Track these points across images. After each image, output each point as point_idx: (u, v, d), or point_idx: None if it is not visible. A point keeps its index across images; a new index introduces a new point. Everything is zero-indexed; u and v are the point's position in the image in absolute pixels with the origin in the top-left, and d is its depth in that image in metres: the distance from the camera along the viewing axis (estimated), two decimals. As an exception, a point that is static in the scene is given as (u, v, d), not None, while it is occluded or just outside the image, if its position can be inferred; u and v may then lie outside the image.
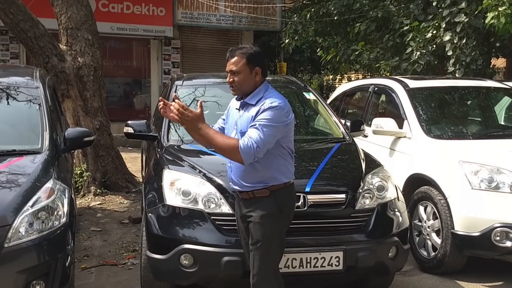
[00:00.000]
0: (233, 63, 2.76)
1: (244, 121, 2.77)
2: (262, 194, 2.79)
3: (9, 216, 2.94)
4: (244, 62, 2.75)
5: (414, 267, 4.51)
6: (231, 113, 2.94)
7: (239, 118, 2.82)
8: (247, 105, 2.80)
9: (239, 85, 2.76)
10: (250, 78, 2.77)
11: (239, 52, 2.77)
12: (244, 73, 2.75)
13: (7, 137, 3.84)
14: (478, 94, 5.82)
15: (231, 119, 2.92)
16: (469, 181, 4.13)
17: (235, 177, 2.84)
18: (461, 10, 7.38)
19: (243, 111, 2.82)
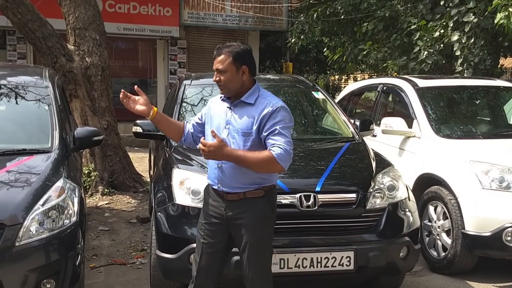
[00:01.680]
0: (220, 61, 2.67)
1: (244, 120, 2.68)
2: (255, 194, 2.70)
3: (20, 215, 2.95)
4: (230, 61, 2.66)
5: (424, 267, 4.48)
6: (216, 113, 2.79)
7: (233, 117, 2.71)
8: (243, 104, 2.71)
9: (226, 84, 2.68)
10: (237, 77, 2.68)
11: (225, 50, 2.68)
12: (231, 71, 2.67)
13: (17, 137, 3.85)
14: (487, 94, 5.78)
15: (217, 120, 2.77)
16: (479, 181, 4.10)
17: (227, 178, 2.70)
18: (470, 10, 7.34)
19: (237, 110, 2.72)
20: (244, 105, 2.72)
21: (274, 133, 2.62)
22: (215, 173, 2.73)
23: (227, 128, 2.71)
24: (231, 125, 2.71)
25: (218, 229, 2.77)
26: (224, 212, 2.73)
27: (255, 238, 2.72)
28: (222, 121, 2.74)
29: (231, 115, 2.72)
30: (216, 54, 2.70)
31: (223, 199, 2.74)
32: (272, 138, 2.61)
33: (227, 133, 2.70)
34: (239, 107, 2.72)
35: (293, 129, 4.74)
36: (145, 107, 2.78)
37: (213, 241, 2.79)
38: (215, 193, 2.78)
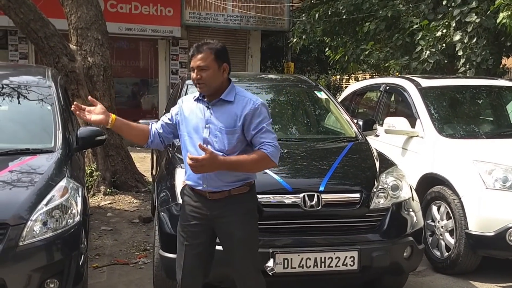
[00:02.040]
0: (201, 58, 2.61)
1: (226, 119, 2.66)
2: (240, 191, 2.71)
3: (24, 215, 2.94)
4: (213, 58, 2.62)
5: (427, 267, 4.47)
6: (192, 113, 2.73)
7: (213, 116, 2.68)
8: (223, 102, 2.68)
9: (207, 82, 2.63)
10: (218, 74, 2.65)
11: (206, 48, 2.63)
12: (213, 69, 2.62)
13: (21, 136, 3.84)
14: (490, 93, 5.77)
15: (194, 120, 2.72)
16: (483, 181, 4.10)
17: (212, 178, 2.66)
18: (472, 10, 7.32)
19: (217, 109, 2.68)
20: (223, 103, 2.69)
21: (262, 131, 2.66)
22: (198, 174, 2.65)
23: (208, 128, 2.68)
24: (212, 124, 2.68)
25: (200, 229, 2.76)
26: (208, 212, 2.71)
27: (245, 233, 2.73)
28: (200, 121, 2.70)
29: (210, 114, 2.69)
30: (195, 51, 2.64)
31: (206, 199, 2.71)
32: (261, 137, 2.65)
33: (208, 133, 2.68)
34: (218, 105, 2.69)
35: (296, 128, 4.80)
36: (102, 115, 2.74)
37: (196, 242, 2.77)
38: (195, 193, 2.74)
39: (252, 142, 2.69)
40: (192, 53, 2.66)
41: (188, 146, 2.74)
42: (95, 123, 2.78)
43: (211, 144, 2.65)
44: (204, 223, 2.75)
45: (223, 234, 2.76)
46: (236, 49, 13.90)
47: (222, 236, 2.78)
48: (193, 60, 2.65)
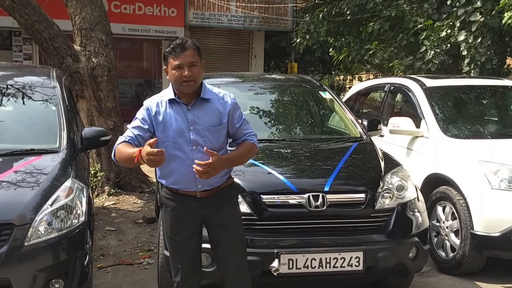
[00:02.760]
0: (190, 55, 2.59)
1: (211, 117, 2.67)
2: (228, 183, 2.80)
3: (29, 215, 2.95)
4: (197, 54, 2.64)
5: (432, 268, 4.45)
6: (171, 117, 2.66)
7: (196, 117, 2.65)
8: (201, 102, 2.68)
9: (196, 79, 2.61)
10: (202, 71, 2.67)
11: (190, 44, 2.62)
12: (199, 65, 2.64)
13: (25, 137, 3.86)
14: (495, 93, 5.75)
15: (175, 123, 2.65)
16: (488, 181, 4.08)
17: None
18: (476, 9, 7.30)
19: (197, 109, 2.67)
20: (202, 102, 2.69)
21: (244, 123, 2.79)
22: (190, 176, 2.63)
23: (193, 129, 2.65)
24: (196, 125, 2.65)
25: (193, 230, 2.78)
26: (200, 211, 2.74)
27: (238, 221, 2.84)
28: (183, 124, 2.65)
29: (192, 115, 2.66)
30: (181, 49, 2.59)
31: (195, 199, 2.72)
32: (244, 128, 2.79)
33: (194, 134, 2.64)
34: (197, 105, 2.68)
35: (301, 129, 4.79)
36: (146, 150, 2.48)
37: (191, 242, 2.79)
38: (182, 195, 2.72)
39: (235, 134, 2.78)
40: (178, 50, 2.60)
41: (172, 150, 2.63)
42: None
43: (200, 145, 2.64)
44: (196, 223, 2.78)
45: (217, 227, 2.78)
46: (240, 50, 13.91)
47: (215, 230, 2.79)
48: (180, 57, 2.59)
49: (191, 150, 2.64)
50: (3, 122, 3.93)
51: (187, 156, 2.63)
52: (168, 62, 2.65)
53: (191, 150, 2.64)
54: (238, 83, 5.33)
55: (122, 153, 2.60)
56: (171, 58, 2.62)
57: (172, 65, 2.62)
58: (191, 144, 2.64)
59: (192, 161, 2.60)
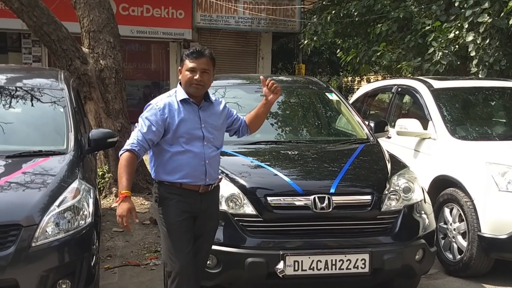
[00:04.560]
0: (205, 62, 2.84)
1: (216, 117, 2.97)
2: (219, 181, 3.03)
3: (36, 216, 2.98)
4: (211, 63, 2.88)
5: (439, 270, 4.43)
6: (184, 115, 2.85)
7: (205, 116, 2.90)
8: (208, 104, 2.96)
9: (206, 85, 2.86)
10: (212, 79, 2.93)
11: (206, 53, 2.87)
12: (211, 74, 2.89)
13: (33, 138, 3.89)
14: (503, 95, 5.71)
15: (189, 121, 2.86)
16: (496, 183, 4.05)
17: (213, 171, 2.92)
18: (484, 11, 7.26)
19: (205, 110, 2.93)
20: (208, 104, 2.96)
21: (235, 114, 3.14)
22: (202, 170, 2.86)
23: (204, 128, 2.88)
24: (206, 123, 2.90)
25: (191, 223, 2.89)
26: (200, 205, 2.89)
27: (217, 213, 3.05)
28: (195, 122, 2.87)
29: (203, 114, 2.91)
30: (198, 55, 2.83)
31: (196, 193, 2.87)
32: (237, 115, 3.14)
33: (206, 131, 2.88)
34: (205, 106, 2.94)
35: (307, 130, 4.79)
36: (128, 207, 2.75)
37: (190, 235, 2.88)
38: (186, 190, 2.85)
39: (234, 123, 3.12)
40: (195, 55, 2.84)
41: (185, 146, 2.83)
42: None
43: (210, 141, 2.90)
44: (192, 217, 2.89)
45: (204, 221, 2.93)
46: (247, 51, 13.92)
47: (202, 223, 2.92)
48: (196, 62, 2.83)
49: (203, 146, 2.87)
50: (11, 124, 3.96)
51: (200, 151, 2.86)
52: (184, 64, 2.87)
53: (203, 146, 2.87)
54: (245, 85, 5.34)
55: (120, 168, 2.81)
56: (188, 60, 2.85)
57: (187, 67, 2.84)
58: (203, 140, 2.87)
59: (204, 155, 2.86)
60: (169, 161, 2.86)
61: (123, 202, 2.73)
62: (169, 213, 2.86)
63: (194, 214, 2.89)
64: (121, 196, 2.74)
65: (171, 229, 2.86)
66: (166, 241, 2.88)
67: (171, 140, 2.85)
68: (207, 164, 2.87)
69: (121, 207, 2.73)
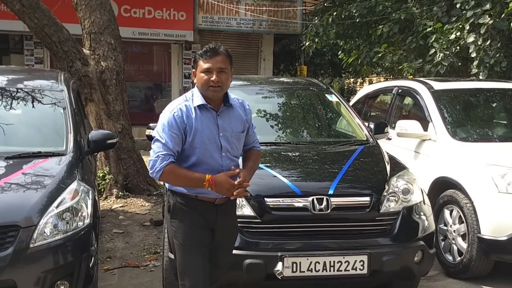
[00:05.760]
0: (222, 61, 2.57)
1: (236, 123, 2.69)
2: None
3: (35, 217, 2.98)
4: (228, 61, 2.62)
5: (439, 272, 4.42)
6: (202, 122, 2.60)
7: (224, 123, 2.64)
8: (227, 108, 2.68)
9: (224, 85, 2.58)
10: (230, 78, 2.65)
11: (222, 50, 2.59)
12: (229, 72, 2.62)
13: (33, 139, 3.90)
14: (504, 96, 5.70)
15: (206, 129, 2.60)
16: (496, 185, 4.04)
17: None
18: (486, 12, 7.25)
19: (224, 115, 2.66)
20: (228, 109, 2.68)
21: (253, 130, 2.84)
22: None
23: (223, 136, 2.63)
24: (225, 131, 2.64)
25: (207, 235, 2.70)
26: (215, 217, 2.69)
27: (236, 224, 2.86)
28: (213, 130, 2.62)
29: (222, 121, 2.64)
30: (213, 54, 2.57)
31: (212, 205, 2.67)
32: (254, 135, 2.86)
33: (224, 140, 2.63)
34: (224, 111, 2.67)
35: (307, 132, 4.78)
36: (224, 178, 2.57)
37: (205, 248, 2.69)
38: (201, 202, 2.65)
39: (246, 141, 2.81)
40: (209, 54, 2.57)
41: (201, 157, 2.60)
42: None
43: (228, 151, 2.64)
44: (208, 230, 2.70)
45: (222, 234, 2.73)
46: (249, 53, 13.93)
47: (219, 236, 2.73)
48: (211, 61, 2.55)
49: (221, 157, 2.62)
50: (11, 125, 3.97)
51: (217, 162, 2.61)
52: (198, 65, 2.60)
53: (221, 157, 2.62)
54: (245, 86, 5.33)
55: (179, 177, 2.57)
56: (201, 61, 2.58)
57: (201, 68, 2.57)
58: (221, 151, 2.62)
59: (222, 168, 2.61)
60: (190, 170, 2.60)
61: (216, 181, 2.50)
62: (182, 226, 2.66)
63: (209, 226, 2.69)
64: (208, 180, 2.50)
65: (185, 243, 2.67)
66: (178, 254, 2.70)
67: (187, 150, 2.61)
68: None
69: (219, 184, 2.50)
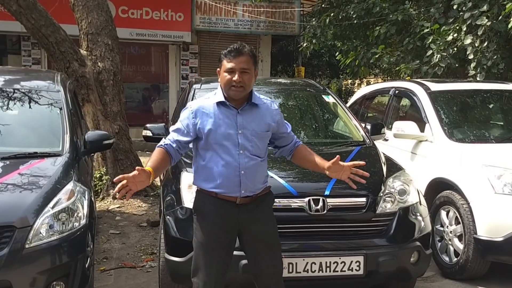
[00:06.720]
0: (245, 61, 2.60)
1: (259, 122, 2.70)
2: (266, 190, 2.79)
3: (30, 217, 2.98)
4: (252, 62, 2.65)
5: (436, 273, 4.43)
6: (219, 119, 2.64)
7: (245, 121, 2.66)
8: (251, 107, 2.70)
9: (246, 85, 2.62)
10: (253, 79, 2.67)
11: (247, 51, 2.63)
12: (252, 73, 2.65)
13: (29, 140, 3.90)
14: (500, 98, 5.71)
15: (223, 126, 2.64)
16: (492, 185, 4.05)
17: (250, 182, 2.67)
18: (483, 13, 7.27)
19: (247, 113, 2.68)
20: (251, 108, 2.71)
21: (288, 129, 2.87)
22: (235, 181, 2.64)
23: (241, 133, 2.65)
24: (245, 129, 2.66)
25: (229, 235, 2.72)
26: (238, 217, 2.68)
27: (273, 231, 2.79)
28: (231, 127, 2.65)
29: (242, 119, 2.67)
30: (237, 54, 2.60)
31: (234, 204, 2.67)
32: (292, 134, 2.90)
33: (242, 138, 2.65)
34: (246, 110, 2.69)
35: (304, 132, 4.78)
36: (144, 179, 2.50)
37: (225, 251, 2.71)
38: (221, 200, 2.67)
39: (284, 140, 2.86)
40: (233, 54, 2.60)
41: (219, 153, 2.63)
42: (141, 187, 2.54)
43: (247, 150, 2.65)
44: (233, 230, 2.71)
45: (254, 236, 2.73)
46: (247, 54, 13.92)
47: (251, 237, 2.73)
48: (234, 61, 2.59)
49: (238, 154, 2.64)
50: (7, 126, 3.96)
51: (234, 160, 2.62)
52: (222, 64, 2.65)
53: (238, 154, 2.63)
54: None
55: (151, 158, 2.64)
56: (225, 60, 2.63)
57: (225, 67, 2.63)
58: (238, 148, 2.64)
59: (239, 165, 2.62)
60: (204, 168, 2.67)
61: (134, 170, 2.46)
62: (202, 224, 2.69)
63: (232, 228, 2.70)
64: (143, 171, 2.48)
65: (202, 241, 2.69)
66: (195, 251, 2.73)
67: (205, 146, 2.65)
68: (242, 175, 2.62)
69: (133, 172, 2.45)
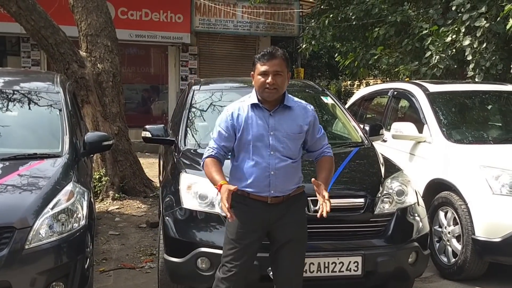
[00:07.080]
0: (278, 64, 2.70)
1: (291, 125, 2.77)
2: (298, 191, 2.83)
3: (30, 218, 2.99)
4: (285, 65, 2.75)
5: (434, 273, 4.44)
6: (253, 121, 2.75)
7: (277, 123, 2.75)
8: (284, 109, 2.78)
9: (279, 88, 2.71)
10: (286, 82, 2.77)
11: (280, 54, 2.73)
12: (285, 76, 2.74)
13: (29, 141, 3.91)
14: (499, 99, 5.73)
15: (256, 128, 2.74)
16: (490, 186, 4.07)
17: (281, 183, 2.74)
18: (481, 15, 7.29)
19: (279, 115, 2.77)
20: (284, 110, 2.78)
21: (323, 135, 2.93)
22: (266, 181, 2.72)
23: (273, 135, 2.73)
24: (276, 131, 2.74)
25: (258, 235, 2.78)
26: (268, 216, 2.75)
27: (302, 233, 2.85)
28: (263, 129, 2.74)
29: (274, 121, 2.75)
30: (270, 57, 2.70)
31: (265, 204, 2.75)
32: (323, 139, 2.92)
33: (274, 139, 2.73)
34: (279, 112, 2.77)
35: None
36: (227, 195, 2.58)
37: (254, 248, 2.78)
38: (252, 200, 2.75)
39: (313, 145, 2.90)
40: (266, 57, 2.70)
41: (250, 154, 2.74)
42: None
43: (278, 151, 2.73)
44: (262, 228, 2.78)
45: (284, 236, 2.78)
46: (246, 55, 13.90)
47: (280, 237, 2.79)
48: (268, 64, 2.69)
49: (269, 155, 2.72)
50: (7, 127, 3.98)
51: (265, 160, 2.72)
52: (256, 68, 2.74)
53: (269, 155, 2.72)
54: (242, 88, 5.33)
55: (207, 172, 2.77)
56: (259, 64, 2.72)
57: (258, 70, 2.72)
58: (269, 149, 2.72)
59: (269, 166, 2.72)
60: (237, 168, 2.78)
61: (220, 189, 2.59)
62: (234, 224, 2.74)
63: (263, 227, 2.77)
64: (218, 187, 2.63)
65: (234, 237, 2.76)
66: (224, 246, 2.82)
67: (238, 147, 2.77)
68: (272, 175, 2.71)
69: (221, 193, 2.57)
